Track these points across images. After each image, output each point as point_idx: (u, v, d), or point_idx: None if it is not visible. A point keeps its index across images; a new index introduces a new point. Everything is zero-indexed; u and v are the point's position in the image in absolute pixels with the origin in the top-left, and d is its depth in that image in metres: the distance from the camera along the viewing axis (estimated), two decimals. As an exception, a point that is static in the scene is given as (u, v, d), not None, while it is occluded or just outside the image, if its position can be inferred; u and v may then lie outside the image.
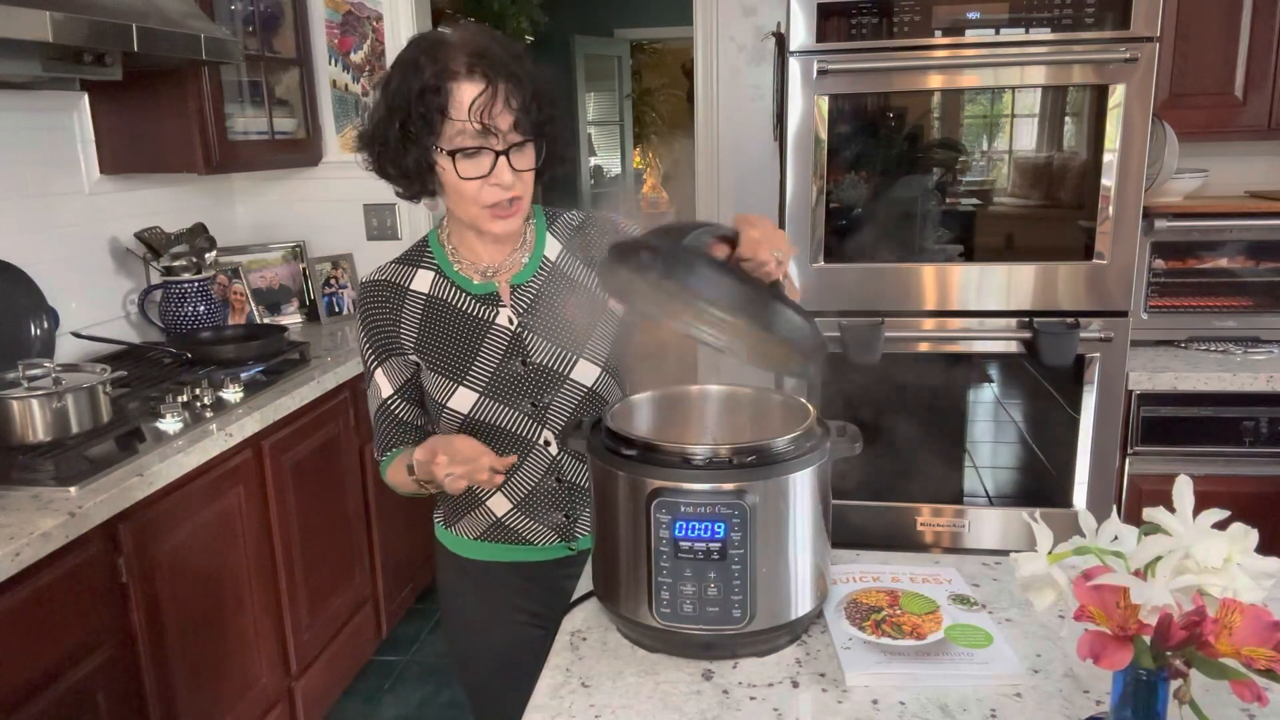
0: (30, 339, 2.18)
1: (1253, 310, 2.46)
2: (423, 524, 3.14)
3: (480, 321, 1.35)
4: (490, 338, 1.35)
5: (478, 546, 1.44)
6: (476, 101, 1.20)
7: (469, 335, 1.35)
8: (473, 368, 1.34)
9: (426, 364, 1.36)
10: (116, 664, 1.69)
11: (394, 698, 2.71)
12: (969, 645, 1.08)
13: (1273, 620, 0.75)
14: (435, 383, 1.35)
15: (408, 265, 1.40)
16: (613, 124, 6.75)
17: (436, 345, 1.35)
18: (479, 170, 1.23)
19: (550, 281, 1.38)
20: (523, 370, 1.34)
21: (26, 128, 2.31)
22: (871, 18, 2.16)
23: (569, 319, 1.37)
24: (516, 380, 1.34)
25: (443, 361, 1.34)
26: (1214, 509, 0.85)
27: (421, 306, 1.36)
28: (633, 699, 1.01)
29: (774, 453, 1.05)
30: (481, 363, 1.34)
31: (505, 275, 1.37)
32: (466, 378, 1.34)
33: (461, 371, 1.34)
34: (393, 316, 1.36)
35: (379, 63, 3.05)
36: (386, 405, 1.40)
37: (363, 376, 1.47)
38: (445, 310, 1.36)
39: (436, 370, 1.35)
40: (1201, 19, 2.39)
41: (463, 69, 1.20)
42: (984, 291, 2.27)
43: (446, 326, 1.35)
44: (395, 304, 1.36)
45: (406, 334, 1.36)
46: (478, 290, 1.36)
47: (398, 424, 1.41)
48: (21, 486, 1.64)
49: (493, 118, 1.20)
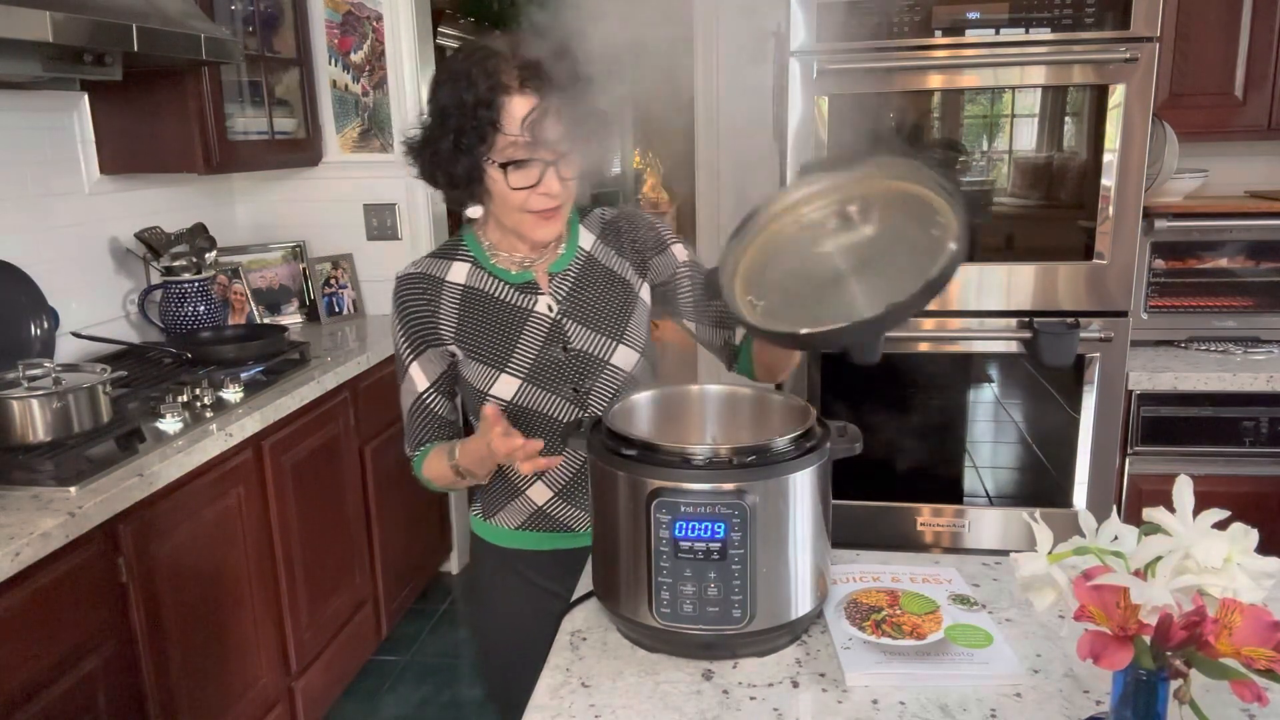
0: (30, 339, 2.18)
1: (1253, 310, 2.46)
2: (423, 524, 3.15)
3: (519, 309, 1.37)
4: (530, 325, 1.37)
5: (518, 536, 1.45)
6: (528, 116, 1.22)
7: (509, 323, 1.37)
8: (514, 355, 1.36)
9: (466, 353, 1.37)
10: (116, 664, 1.69)
11: (394, 698, 2.71)
12: (969, 645, 1.08)
13: (1273, 620, 0.75)
14: (476, 371, 1.37)
15: (442, 259, 1.42)
16: (613, 124, 6.75)
17: (476, 333, 1.37)
18: (528, 180, 1.26)
19: (587, 270, 1.41)
20: (563, 356, 1.37)
21: (26, 128, 2.31)
22: (871, 18, 2.16)
23: (606, 306, 1.40)
24: (558, 366, 1.36)
25: (483, 349, 1.36)
26: (1214, 509, 0.85)
27: (459, 296, 1.38)
28: (633, 699, 1.01)
29: (774, 453, 1.05)
30: (522, 350, 1.36)
31: (542, 265, 1.40)
32: (508, 365, 1.36)
33: (503, 359, 1.36)
34: (430, 308, 1.38)
35: (379, 63, 3.05)
36: (422, 399, 1.43)
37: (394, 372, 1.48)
38: (483, 299, 1.38)
39: (477, 358, 1.37)
40: (1201, 19, 2.39)
41: (515, 83, 1.23)
42: (984, 291, 2.27)
43: (486, 315, 1.37)
44: (432, 295, 1.38)
45: (445, 324, 1.38)
46: (515, 279, 1.39)
47: (432, 419, 1.43)
48: (21, 486, 1.64)
49: (543, 130, 1.23)
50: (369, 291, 3.23)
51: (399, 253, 3.19)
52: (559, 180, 1.27)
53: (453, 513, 3.41)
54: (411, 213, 3.16)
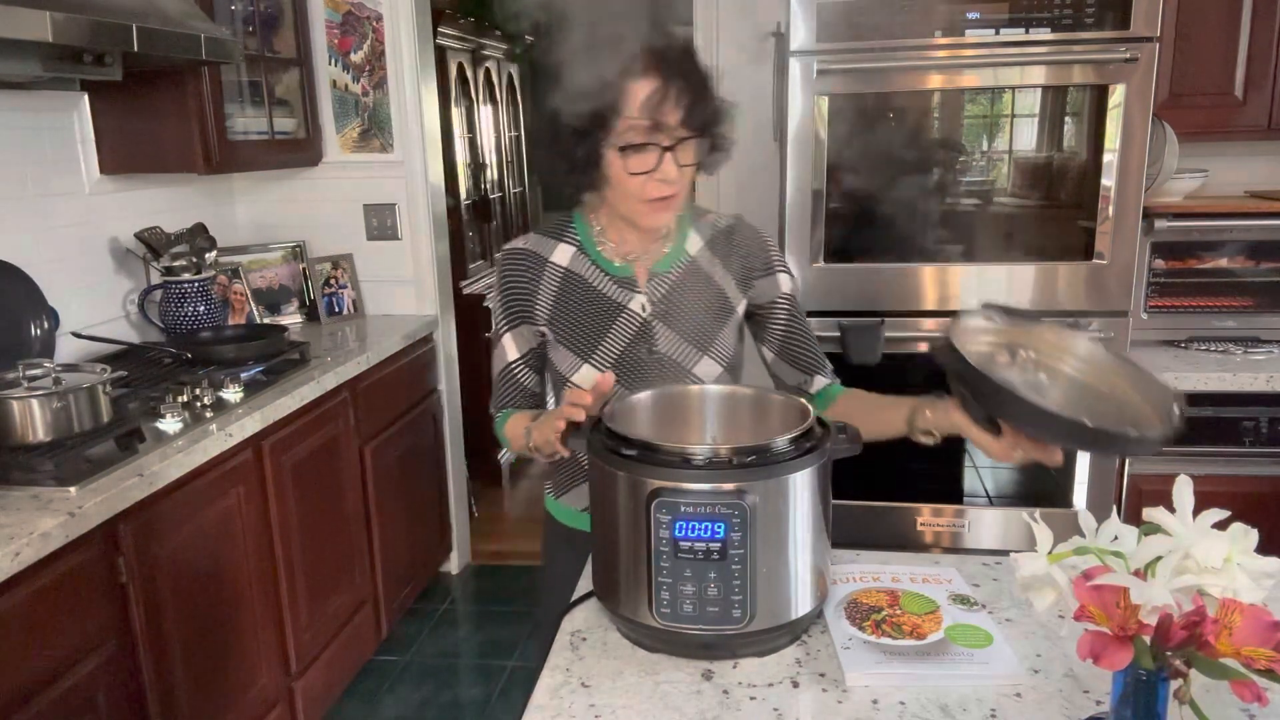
0: (30, 339, 2.18)
1: (1253, 310, 2.46)
2: (423, 524, 3.15)
3: (613, 303, 1.38)
4: (621, 321, 1.38)
5: (584, 517, 1.45)
6: (649, 99, 1.22)
7: (601, 314, 1.38)
8: (600, 347, 1.37)
9: (556, 336, 1.39)
10: (116, 664, 1.69)
11: (394, 698, 2.71)
12: (969, 645, 1.08)
13: (1273, 620, 0.75)
14: (562, 356, 1.39)
15: (550, 238, 1.42)
16: (613, 124, 6.76)
17: (568, 319, 1.38)
18: (645, 165, 1.25)
19: (687, 275, 1.41)
20: (647, 358, 1.38)
21: (26, 128, 2.31)
22: (871, 18, 2.16)
23: (700, 315, 1.40)
24: (640, 366, 1.37)
25: (572, 336, 1.38)
26: (1214, 509, 0.85)
27: (559, 279, 1.39)
28: (633, 699, 1.01)
29: (774, 453, 1.05)
30: (609, 344, 1.37)
31: (645, 261, 1.40)
32: (593, 356, 1.37)
33: (589, 349, 1.37)
34: (530, 286, 1.39)
35: (379, 63, 3.05)
36: (510, 368, 1.44)
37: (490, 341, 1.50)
38: (581, 286, 1.39)
39: (565, 344, 1.38)
40: (1201, 19, 2.39)
41: (635, 66, 1.22)
42: (984, 291, 2.27)
43: (580, 302, 1.38)
44: (535, 273, 1.39)
45: (542, 304, 1.39)
46: (615, 272, 1.39)
47: (517, 387, 1.45)
48: (21, 486, 1.64)
49: (663, 115, 1.23)
50: (369, 291, 3.23)
51: (399, 253, 3.19)
52: (676, 166, 1.26)
53: (452, 513, 3.41)
54: (411, 213, 3.16)
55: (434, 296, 3.23)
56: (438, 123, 3.31)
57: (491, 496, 4.18)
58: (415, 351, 3.05)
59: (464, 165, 4.26)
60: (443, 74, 3.89)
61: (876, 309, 2.30)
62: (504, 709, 2.65)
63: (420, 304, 3.23)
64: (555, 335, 1.39)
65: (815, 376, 1.47)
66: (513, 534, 3.83)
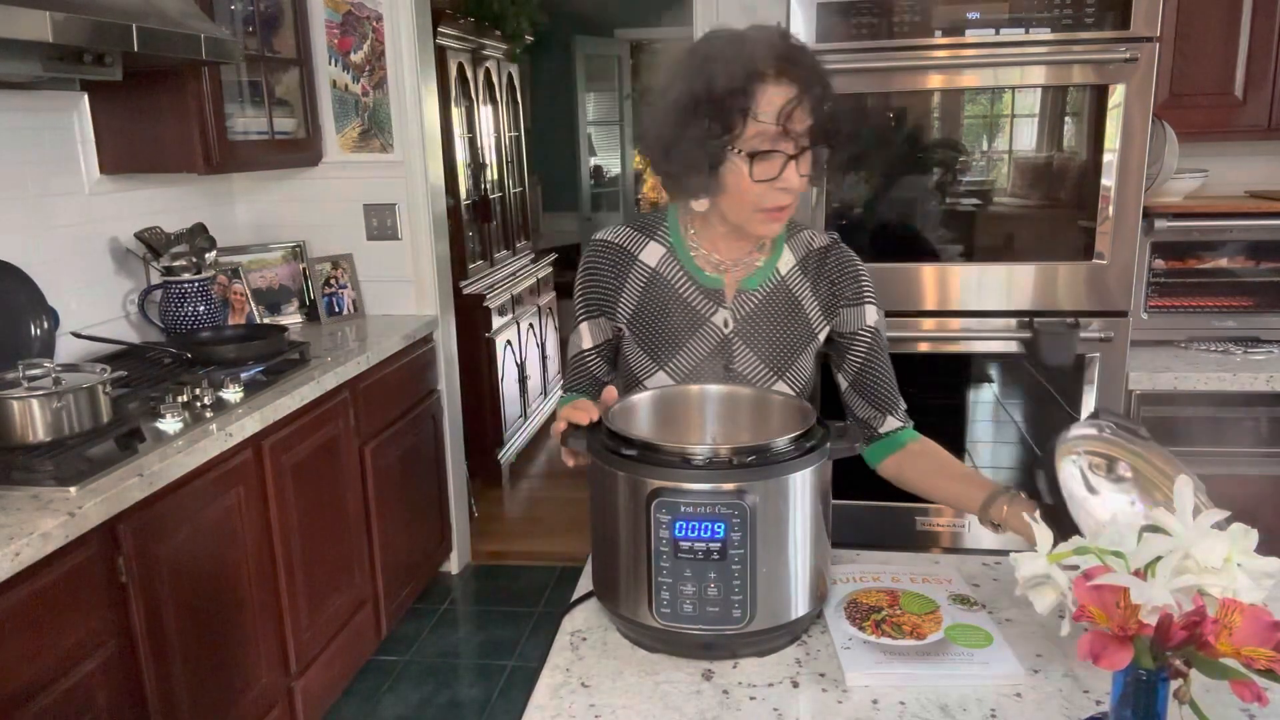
0: (30, 339, 2.18)
1: (1253, 310, 2.46)
2: (423, 524, 3.15)
3: (697, 314, 1.36)
4: (703, 333, 1.36)
5: None
6: (784, 105, 1.19)
7: (683, 323, 1.36)
8: (677, 356, 1.36)
9: (634, 337, 1.38)
10: (116, 664, 1.69)
11: (394, 698, 2.71)
12: (969, 645, 1.08)
13: (1273, 620, 0.75)
14: (638, 358, 1.38)
15: (641, 234, 1.40)
16: (613, 124, 6.74)
17: (648, 322, 1.36)
18: (770, 173, 1.23)
19: (775, 295, 1.38)
20: (723, 375, 1.36)
21: (26, 128, 2.31)
22: (871, 18, 2.16)
23: (782, 338, 1.37)
24: (713, 381, 1.35)
25: (651, 340, 1.36)
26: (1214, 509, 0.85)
27: (645, 279, 1.37)
28: (633, 699, 1.01)
29: (774, 453, 1.05)
30: (687, 354, 1.35)
31: (735, 275, 1.37)
32: (669, 364, 1.35)
33: (666, 356, 1.36)
34: (616, 282, 1.38)
35: (379, 63, 3.05)
36: (582, 355, 1.44)
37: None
38: (667, 291, 1.37)
39: (642, 347, 1.37)
40: (1201, 19, 2.39)
41: (771, 71, 1.20)
42: (984, 291, 2.27)
43: (664, 307, 1.36)
44: (621, 268, 1.38)
45: (625, 302, 1.38)
46: (704, 281, 1.37)
47: (586, 374, 1.45)
48: (21, 486, 1.64)
49: (794, 122, 1.21)
50: (369, 291, 3.23)
51: (399, 253, 3.19)
52: (798, 176, 1.24)
53: (452, 513, 3.41)
54: (411, 213, 3.16)
55: (434, 296, 3.23)
56: (438, 123, 3.32)
57: (491, 496, 4.18)
58: (415, 351, 3.05)
59: (464, 165, 4.26)
60: (443, 74, 3.89)
61: (876, 309, 2.29)
62: (504, 709, 2.65)
63: (420, 304, 3.23)
64: (633, 335, 1.38)
65: (887, 416, 1.41)
66: (513, 534, 3.83)
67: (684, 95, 1.22)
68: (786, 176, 1.23)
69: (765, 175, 1.23)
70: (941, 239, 2.33)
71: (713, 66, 1.20)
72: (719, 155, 1.23)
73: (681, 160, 1.25)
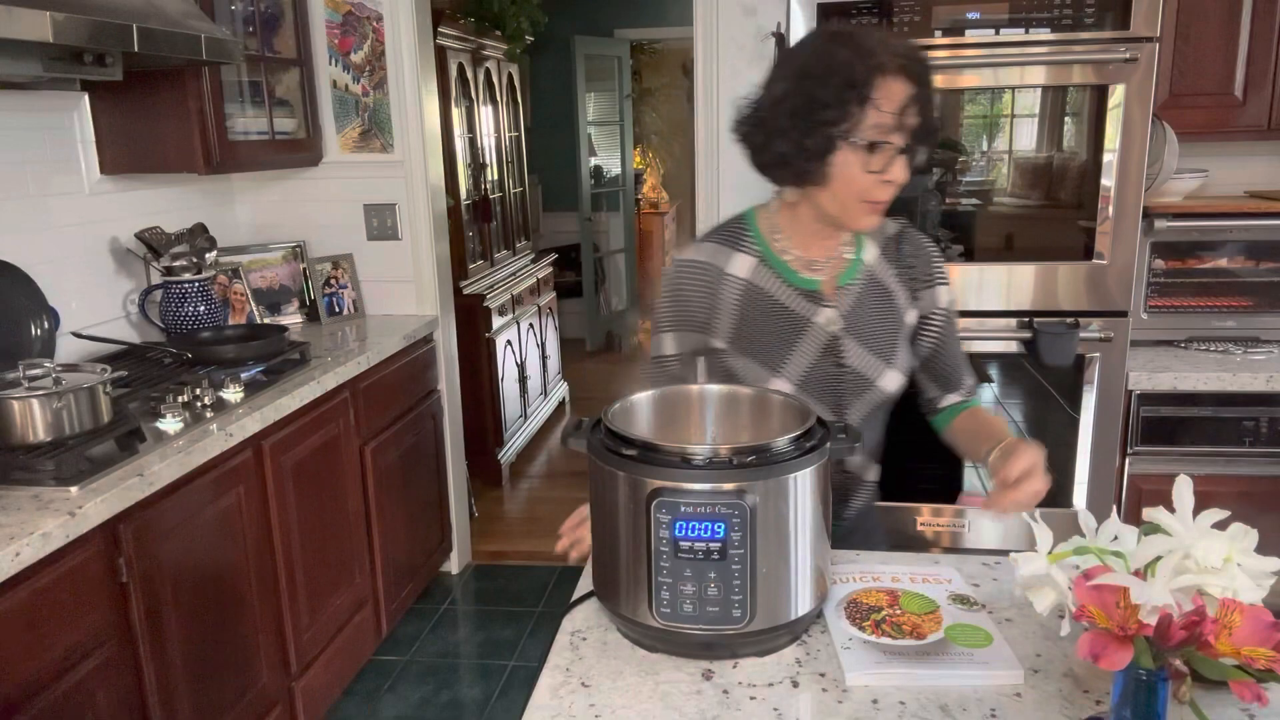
0: (30, 339, 2.18)
1: (1253, 310, 2.46)
2: (423, 524, 3.15)
3: (799, 317, 1.36)
4: (809, 335, 1.36)
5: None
6: (904, 99, 1.22)
7: (787, 329, 1.36)
8: (789, 361, 1.36)
9: (739, 350, 1.37)
10: (116, 664, 1.69)
11: (394, 698, 2.71)
12: (969, 645, 1.08)
13: (1272, 620, 0.75)
14: (747, 368, 1.37)
15: (726, 246, 1.39)
16: (613, 124, 6.74)
17: (752, 334, 1.36)
18: (881, 164, 1.25)
19: (869, 286, 1.40)
20: (835, 371, 1.37)
21: (26, 128, 2.31)
22: (871, 18, 2.16)
23: (882, 327, 1.39)
24: (828, 380, 1.37)
25: (757, 350, 1.36)
26: (1214, 509, 0.85)
27: (740, 293, 1.36)
28: (633, 699, 1.01)
29: (774, 453, 1.05)
30: (798, 358, 1.36)
31: (830, 273, 1.38)
32: (783, 369, 1.36)
33: (778, 363, 1.36)
34: (708, 301, 1.37)
35: (379, 63, 3.05)
36: (662, 359, 1.46)
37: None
38: (764, 300, 1.36)
39: (751, 357, 1.37)
40: (1201, 19, 2.39)
41: (892, 66, 1.22)
42: (984, 291, 2.27)
43: (764, 317, 1.36)
44: (712, 287, 1.37)
45: (723, 320, 1.37)
46: (801, 284, 1.37)
47: (667, 376, 1.46)
48: (21, 486, 1.64)
49: (908, 117, 1.23)
50: (369, 292, 3.23)
51: (399, 253, 3.19)
52: (904, 170, 1.26)
53: (453, 513, 3.41)
54: (411, 213, 3.16)
55: (434, 296, 3.23)
56: (438, 123, 3.32)
57: (491, 496, 4.18)
58: (415, 351, 3.05)
59: (464, 165, 4.26)
60: (443, 74, 3.89)
61: (876, 309, 2.29)
62: (504, 709, 2.65)
63: (420, 304, 3.23)
64: (737, 349, 1.37)
65: (954, 392, 1.47)
66: (513, 534, 3.83)
67: (801, 82, 1.24)
68: (895, 169, 1.25)
69: (877, 166, 1.25)
70: (941, 239, 2.33)
71: (837, 55, 1.23)
72: (833, 143, 1.24)
73: (791, 146, 1.26)
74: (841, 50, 1.23)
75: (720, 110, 2.90)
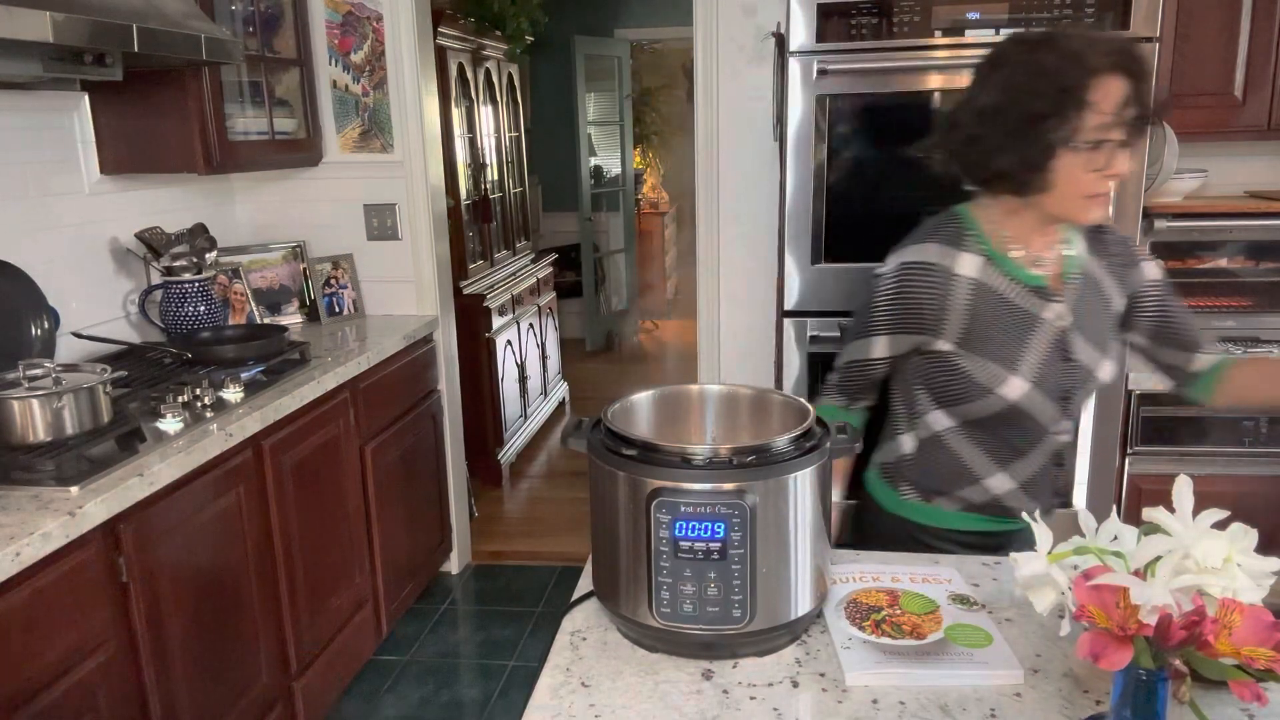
0: (30, 339, 2.18)
1: (1253, 310, 2.46)
2: (423, 524, 3.15)
3: (1029, 314, 1.37)
4: (1039, 331, 1.36)
5: (959, 518, 1.47)
6: (1121, 96, 1.23)
7: (1018, 326, 1.36)
8: (1024, 358, 1.36)
9: (970, 350, 1.36)
10: (116, 664, 1.69)
11: (394, 698, 2.71)
12: (969, 645, 1.09)
13: (1272, 620, 0.75)
14: (982, 368, 1.36)
15: (950, 246, 1.38)
16: (613, 124, 6.74)
17: (984, 334, 1.35)
18: (1103, 162, 1.26)
19: (1086, 280, 1.41)
20: (1063, 365, 1.38)
21: (26, 128, 2.31)
22: (871, 18, 2.17)
23: (1101, 318, 1.41)
24: (1059, 374, 1.37)
25: (993, 349, 1.35)
26: (1214, 509, 0.85)
27: (970, 293, 1.36)
28: (633, 699, 1.01)
29: (774, 453, 1.05)
30: (1030, 355, 1.36)
31: (1053, 268, 1.39)
32: (1019, 367, 1.35)
33: (1013, 361, 1.35)
34: (938, 303, 1.36)
35: (379, 63, 3.05)
36: (869, 363, 1.45)
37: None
38: (993, 299, 1.36)
39: (985, 356, 1.35)
40: (1201, 19, 2.39)
41: (1104, 65, 1.23)
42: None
43: (994, 315, 1.36)
44: (941, 289, 1.36)
45: (952, 322, 1.36)
46: (1029, 281, 1.37)
47: (868, 380, 1.48)
48: (21, 486, 1.64)
49: (1127, 111, 1.24)
50: (369, 292, 3.23)
51: (399, 253, 3.20)
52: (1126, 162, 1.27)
53: (452, 513, 3.41)
54: (411, 213, 3.16)
55: (434, 296, 3.23)
56: (438, 123, 3.32)
57: (491, 496, 4.18)
58: (415, 351, 3.05)
59: (464, 165, 4.26)
60: (443, 74, 3.89)
61: (876, 309, 2.29)
62: (504, 709, 2.65)
63: (420, 304, 3.23)
64: (969, 349, 1.36)
65: (1198, 354, 1.47)
66: (513, 534, 3.83)
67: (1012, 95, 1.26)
68: (1118, 163, 1.26)
69: (1100, 164, 1.26)
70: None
71: (1045, 63, 1.24)
72: (1054, 150, 1.25)
73: (1013, 162, 1.27)
74: (1048, 57, 1.24)
75: (720, 110, 2.90)
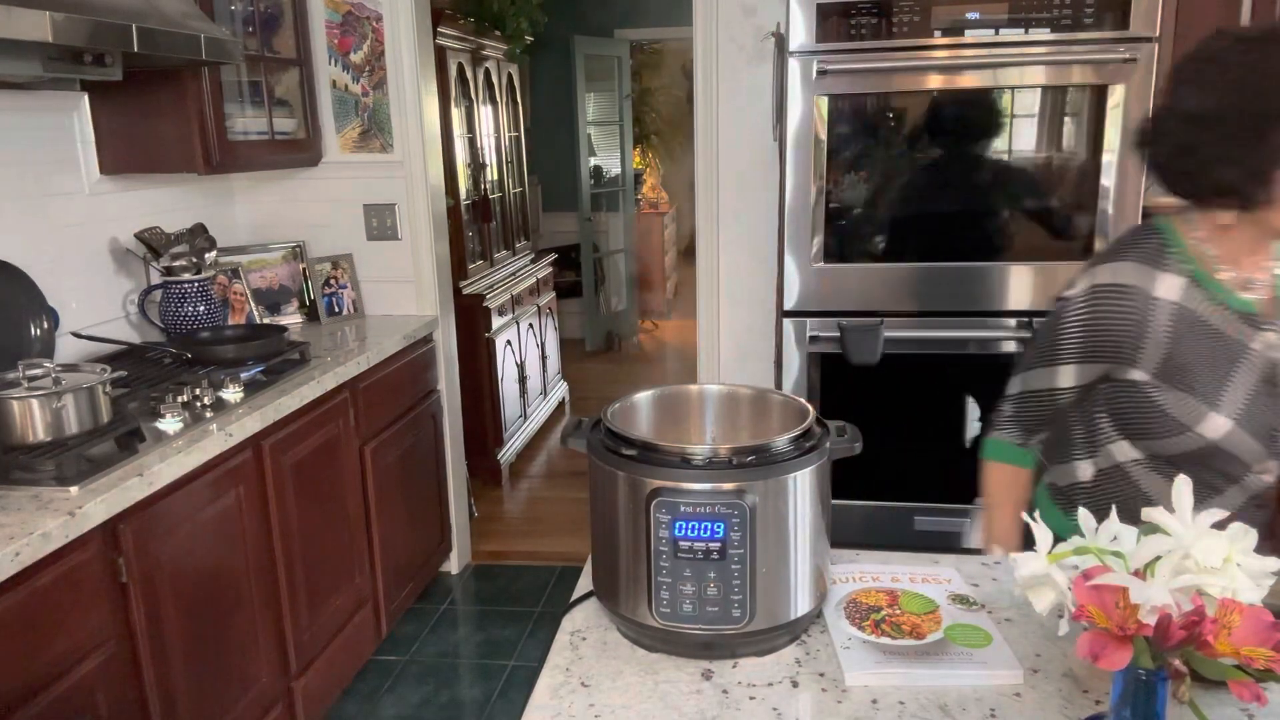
0: (30, 339, 2.18)
1: (1252, 310, 2.46)
2: (423, 524, 3.15)
3: (1236, 342, 1.25)
4: (1246, 361, 1.25)
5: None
6: None
7: (1222, 356, 1.24)
8: (1227, 393, 1.23)
9: (1167, 382, 1.25)
10: (116, 664, 1.69)
11: (394, 698, 2.71)
12: (968, 645, 1.09)
13: (1272, 620, 0.75)
14: (1180, 403, 1.24)
15: (1149, 265, 1.26)
16: (613, 124, 6.74)
17: (1185, 364, 1.24)
18: None
19: None
20: (1272, 401, 1.25)
21: (26, 128, 2.31)
22: (871, 18, 2.17)
23: None
24: (1266, 410, 1.25)
25: (1192, 382, 1.24)
26: (1214, 509, 0.85)
27: (1172, 319, 1.24)
28: (633, 699, 1.01)
29: (774, 453, 1.05)
30: (1235, 388, 1.24)
31: (1266, 292, 1.27)
32: (1221, 403, 1.23)
33: (1215, 396, 1.23)
34: (1136, 329, 1.24)
35: (379, 63, 3.05)
36: (1054, 392, 1.35)
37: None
38: (1198, 325, 1.24)
39: (1184, 390, 1.24)
40: (1201, 19, 2.38)
41: None
42: (983, 291, 2.27)
43: (1198, 344, 1.24)
44: (1141, 314, 1.24)
45: (1150, 350, 1.25)
46: (1237, 305, 1.25)
47: (1044, 412, 1.37)
48: (21, 486, 1.64)
49: None
50: (369, 291, 3.23)
51: (399, 253, 3.20)
52: None
53: (452, 513, 3.41)
54: (411, 213, 3.16)
55: (434, 297, 3.23)
56: (437, 123, 3.32)
57: (491, 496, 4.18)
58: (415, 351, 3.05)
59: (464, 165, 4.26)
60: (443, 74, 3.89)
61: (876, 309, 2.30)
62: (504, 709, 2.65)
63: (420, 304, 3.23)
64: (1166, 381, 1.24)
65: None
66: (513, 534, 3.83)
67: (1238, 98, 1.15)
68: None
69: None
70: (941, 239, 2.33)
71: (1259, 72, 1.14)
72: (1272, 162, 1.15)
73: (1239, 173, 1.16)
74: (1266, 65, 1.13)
75: (720, 110, 2.90)
